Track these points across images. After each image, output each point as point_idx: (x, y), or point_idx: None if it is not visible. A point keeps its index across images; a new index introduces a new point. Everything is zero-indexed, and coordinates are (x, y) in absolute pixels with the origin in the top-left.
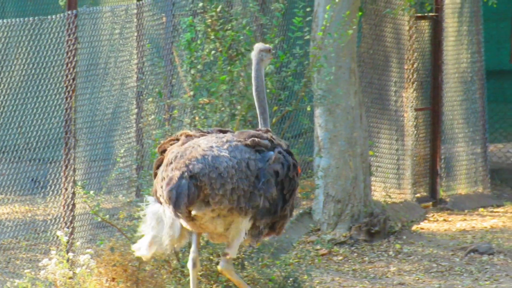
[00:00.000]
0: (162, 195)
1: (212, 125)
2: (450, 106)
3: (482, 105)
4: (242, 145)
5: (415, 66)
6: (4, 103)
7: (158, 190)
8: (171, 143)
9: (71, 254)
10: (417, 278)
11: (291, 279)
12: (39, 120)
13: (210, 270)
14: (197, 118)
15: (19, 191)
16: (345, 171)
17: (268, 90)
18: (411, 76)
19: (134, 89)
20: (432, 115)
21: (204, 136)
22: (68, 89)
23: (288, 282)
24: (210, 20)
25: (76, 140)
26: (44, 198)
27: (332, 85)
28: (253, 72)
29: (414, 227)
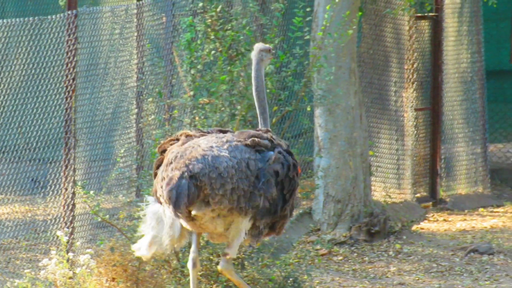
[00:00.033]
0: (162, 195)
1: (212, 125)
2: (450, 106)
3: (482, 105)
4: (242, 145)
5: (415, 66)
6: (4, 103)
7: (158, 190)
8: (171, 143)
9: (71, 254)
10: (417, 278)
11: (291, 279)
12: (39, 120)
13: (210, 270)
14: (197, 118)
15: (19, 191)
16: (345, 171)
17: (268, 90)
18: (411, 76)
19: (134, 89)
20: (432, 115)
21: (204, 136)
22: (68, 89)
23: (288, 282)
24: (210, 20)
25: (76, 140)
26: (44, 198)
27: (332, 85)
28: (253, 72)
29: (414, 227)
